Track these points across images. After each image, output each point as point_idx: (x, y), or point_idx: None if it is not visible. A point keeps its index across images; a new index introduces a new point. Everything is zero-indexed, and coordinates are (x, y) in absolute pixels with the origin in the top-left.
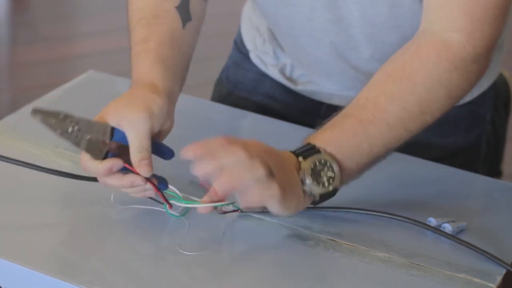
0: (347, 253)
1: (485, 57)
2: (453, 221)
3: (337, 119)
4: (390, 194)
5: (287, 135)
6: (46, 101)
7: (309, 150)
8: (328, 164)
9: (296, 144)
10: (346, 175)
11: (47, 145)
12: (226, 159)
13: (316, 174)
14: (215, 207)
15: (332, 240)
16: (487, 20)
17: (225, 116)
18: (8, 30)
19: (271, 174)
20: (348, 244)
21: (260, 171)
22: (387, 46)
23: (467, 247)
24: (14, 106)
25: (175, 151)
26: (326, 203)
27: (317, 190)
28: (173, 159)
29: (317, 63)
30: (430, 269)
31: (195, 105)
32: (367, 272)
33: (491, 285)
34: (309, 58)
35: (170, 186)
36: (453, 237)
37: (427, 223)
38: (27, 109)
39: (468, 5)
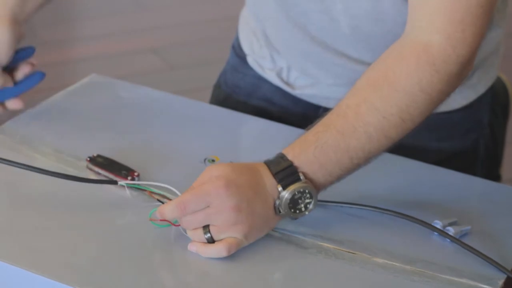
0: (349, 260)
1: (467, 58)
2: (457, 223)
3: (319, 129)
4: (391, 196)
5: (285, 138)
6: (50, 104)
7: (289, 177)
8: (306, 191)
9: None
10: (324, 188)
11: (49, 150)
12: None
13: (293, 203)
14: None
15: (333, 247)
16: (469, 21)
17: (223, 119)
18: None
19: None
20: (349, 252)
21: (240, 233)
22: (371, 38)
23: (470, 251)
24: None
25: (173, 154)
26: (327, 198)
27: (292, 216)
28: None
29: (307, 56)
30: (432, 274)
31: (193, 108)
32: (368, 279)
33: None
34: (298, 51)
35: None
36: (457, 240)
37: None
38: (28, 113)
39: (449, 6)
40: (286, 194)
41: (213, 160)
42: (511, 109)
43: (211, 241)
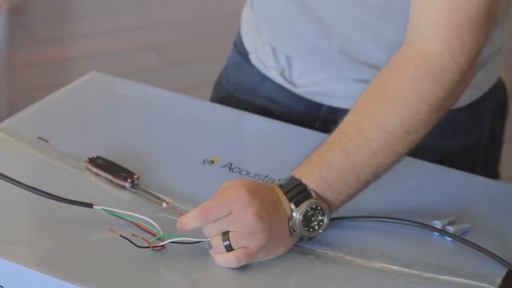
0: (347, 265)
1: (466, 66)
2: (455, 222)
3: (323, 149)
4: (391, 196)
5: (286, 137)
6: (49, 102)
7: (300, 194)
8: (319, 208)
9: (294, 146)
10: (336, 208)
11: (47, 147)
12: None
13: (306, 220)
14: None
15: (331, 253)
16: (468, 26)
17: (224, 117)
18: (6, 31)
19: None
20: (347, 257)
21: (263, 242)
22: (383, 37)
23: (471, 247)
24: (12, 108)
25: (173, 154)
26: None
27: (306, 234)
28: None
29: (314, 52)
30: (430, 276)
31: (194, 106)
32: (367, 283)
33: (492, 287)
34: (305, 46)
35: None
36: (458, 237)
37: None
38: (27, 110)
39: (449, 12)
40: (299, 211)
41: (212, 161)
42: (509, 106)
43: (229, 248)
